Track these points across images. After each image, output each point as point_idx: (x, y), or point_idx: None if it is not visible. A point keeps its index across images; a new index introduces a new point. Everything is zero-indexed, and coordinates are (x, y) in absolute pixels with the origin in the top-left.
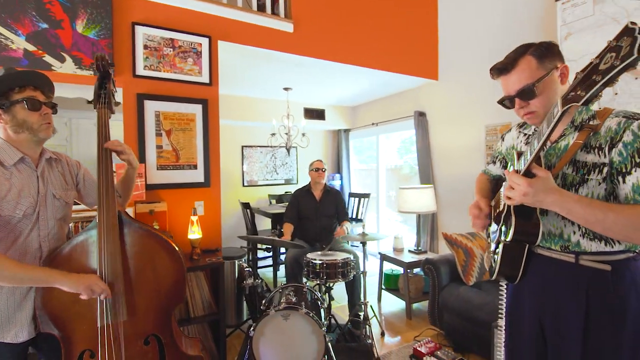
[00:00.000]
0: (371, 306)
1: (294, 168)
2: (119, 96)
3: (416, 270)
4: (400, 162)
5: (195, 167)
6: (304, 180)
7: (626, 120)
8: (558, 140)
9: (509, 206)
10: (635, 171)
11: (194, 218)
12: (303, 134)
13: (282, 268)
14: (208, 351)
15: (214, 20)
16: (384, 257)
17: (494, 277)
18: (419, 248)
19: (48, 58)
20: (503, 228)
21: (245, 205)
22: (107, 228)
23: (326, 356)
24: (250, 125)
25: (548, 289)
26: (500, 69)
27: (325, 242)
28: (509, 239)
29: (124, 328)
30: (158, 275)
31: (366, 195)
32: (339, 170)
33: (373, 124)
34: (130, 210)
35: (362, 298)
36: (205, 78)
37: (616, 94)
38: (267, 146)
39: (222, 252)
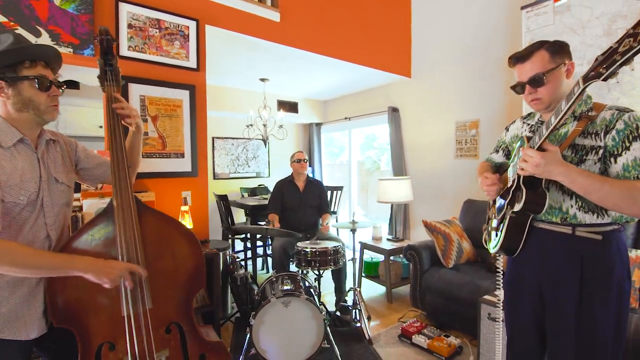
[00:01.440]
0: (360, 292)
1: (265, 161)
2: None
3: (393, 257)
4: (361, 158)
5: (182, 155)
6: (275, 173)
7: (619, 112)
8: (558, 128)
9: (518, 180)
10: (625, 153)
11: (185, 208)
12: (280, 126)
13: (259, 260)
14: None
15: (203, 3)
16: (364, 246)
17: (495, 250)
18: (397, 236)
19: (21, 31)
20: (510, 202)
21: (222, 198)
22: (125, 211)
23: (325, 340)
24: (221, 116)
25: (547, 258)
26: (517, 58)
27: (310, 232)
28: (518, 209)
29: (150, 317)
30: (177, 261)
31: (339, 188)
32: (310, 163)
33: (346, 118)
34: None
35: (347, 285)
36: (192, 63)
37: (617, 82)
38: (239, 138)
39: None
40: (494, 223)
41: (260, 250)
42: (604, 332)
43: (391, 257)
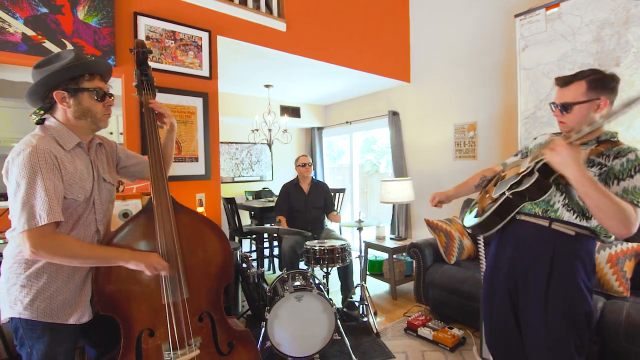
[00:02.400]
0: (367, 288)
1: (269, 165)
2: (118, 87)
3: (396, 255)
4: (361, 161)
5: (196, 159)
6: (278, 177)
7: (634, 148)
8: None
9: (533, 167)
10: (628, 180)
11: (201, 210)
12: (285, 130)
13: (265, 262)
14: None
15: (214, 15)
16: (368, 245)
17: (470, 224)
18: (399, 235)
19: (48, 44)
20: (514, 185)
21: (229, 201)
22: (163, 208)
23: (336, 333)
24: (226, 122)
25: (523, 246)
26: (561, 82)
27: (316, 232)
28: (522, 188)
29: (185, 307)
30: (209, 255)
31: (342, 190)
32: (312, 166)
33: (347, 122)
34: (138, 203)
35: (354, 281)
36: (205, 72)
37: None
38: (244, 142)
39: None
40: (477, 205)
41: (266, 252)
42: (565, 328)
43: (394, 255)
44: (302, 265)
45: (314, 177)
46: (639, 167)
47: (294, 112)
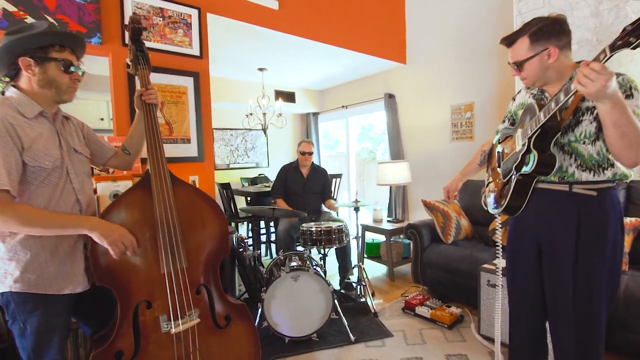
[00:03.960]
0: (364, 268)
1: (264, 151)
2: (106, 66)
3: (393, 238)
4: (358, 149)
5: (188, 141)
6: (275, 163)
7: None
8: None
9: (529, 144)
10: (629, 101)
11: None
12: (279, 115)
13: (263, 247)
14: None
15: None
16: (365, 228)
17: (498, 211)
18: (397, 218)
19: (30, 20)
20: (518, 166)
21: (224, 186)
22: (160, 179)
23: (334, 312)
24: (220, 107)
25: (546, 215)
26: (506, 42)
27: (313, 216)
28: (528, 171)
29: (183, 277)
30: (206, 227)
31: (338, 176)
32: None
33: (343, 106)
34: (129, 184)
35: (352, 263)
36: (195, 50)
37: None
38: (238, 129)
39: None
40: (492, 186)
41: (263, 237)
42: (599, 279)
43: (392, 238)
44: (299, 249)
45: (313, 162)
46: (627, 93)
47: (289, 97)
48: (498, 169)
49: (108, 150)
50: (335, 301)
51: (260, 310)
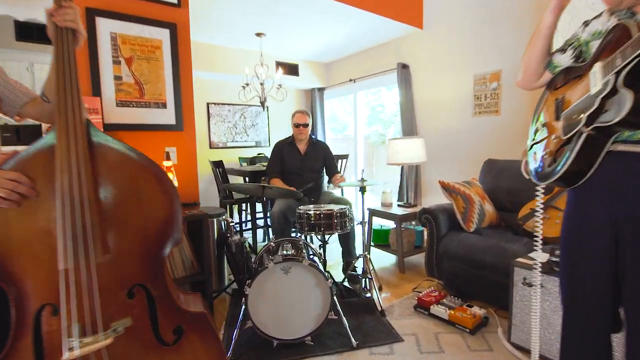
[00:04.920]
0: (370, 259)
1: (265, 130)
2: None
3: (404, 224)
4: (367, 131)
5: (164, 105)
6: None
7: None
8: None
9: (615, 81)
10: None
11: (168, 164)
12: (279, 86)
13: (259, 232)
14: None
15: None
16: (373, 213)
17: (554, 179)
18: (408, 202)
19: None
20: (592, 115)
21: (217, 164)
22: (69, 135)
23: (332, 311)
24: (216, 80)
25: (626, 188)
26: None
27: (312, 197)
28: (616, 119)
29: (99, 274)
30: (144, 207)
31: (344, 157)
32: (313, 132)
33: (351, 80)
34: None
35: (356, 252)
36: None
37: None
38: (236, 104)
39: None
40: (540, 148)
41: (260, 222)
42: None
43: (402, 224)
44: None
45: (312, 136)
46: None
47: (291, 69)
48: (556, 123)
49: (21, 95)
50: (335, 298)
51: (243, 307)
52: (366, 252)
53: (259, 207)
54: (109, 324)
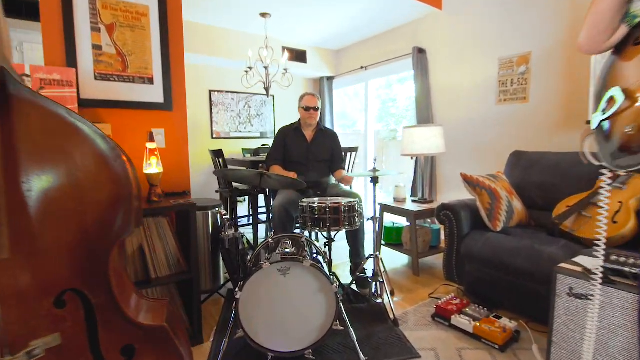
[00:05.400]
0: (382, 260)
1: (270, 120)
2: None
3: (419, 222)
4: (378, 127)
5: (150, 81)
6: None
7: None
8: None
9: None
10: None
11: (151, 146)
12: (285, 71)
13: (261, 228)
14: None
15: None
16: (384, 208)
17: (634, 162)
18: (423, 197)
19: None
20: None
21: (217, 154)
22: None
23: (337, 321)
24: (220, 66)
25: None
26: None
27: (319, 191)
28: None
29: (8, 275)
30: (77, 189)
31: (354, 150)
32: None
33: (362, 67)
34: None
35: (366, 251)
36: None
37: None
38: (241, 92)
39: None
40: (614, 125)
41: (264, 217)
42: None
43: (417, 222)
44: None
45: (320, 123)
46: None
47: (299, 56)
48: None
49: None
50: (341, 305)
51: (233, 313)
52: (377, 252)
53: (261, 200)
54: (27, 343)
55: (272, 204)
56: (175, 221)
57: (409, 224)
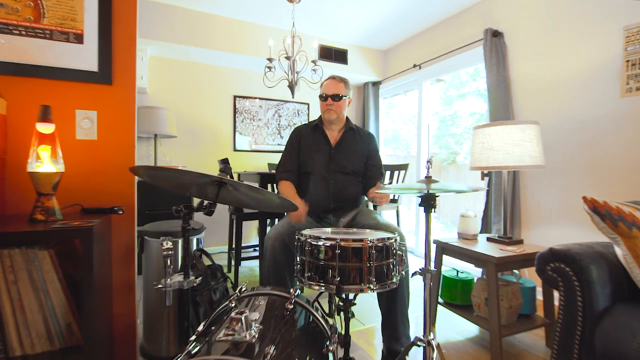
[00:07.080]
0: (438, 345)
1: None
2: None
3: (501, 274)
4: (434, 148)
5: (78, 38)
6: None
7: None
8: None
9: None
10: None
11: (44, 129)
12: (313, 62)
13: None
14: None
15: None
16: (442, 248)
17: None
18: (506, 234)
19: None
20: None
21: (223, 162)
22: None
23: None
24: (246, 69)
25: None
26: None
27: (342, 214)
28: None
29: None
30: None
31: (403, 167)
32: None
33: (415, 66)
34: None
35: (409, 323)
36: None
37: None
38: (270, 99)
39: (147, 225)
40: None
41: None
42: None
43: (499, 273)
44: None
45: (349, 120)
46: None
47: (337, 56)
48: None
49: None
50: None
51: None
52: (429, 335)
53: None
54: None
55: (267, 232)
56: (68, 249)
57: (481, 275)
